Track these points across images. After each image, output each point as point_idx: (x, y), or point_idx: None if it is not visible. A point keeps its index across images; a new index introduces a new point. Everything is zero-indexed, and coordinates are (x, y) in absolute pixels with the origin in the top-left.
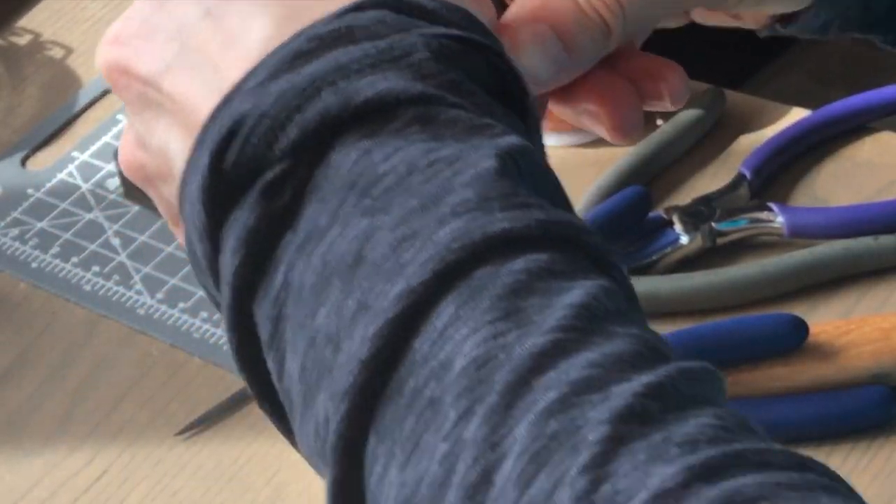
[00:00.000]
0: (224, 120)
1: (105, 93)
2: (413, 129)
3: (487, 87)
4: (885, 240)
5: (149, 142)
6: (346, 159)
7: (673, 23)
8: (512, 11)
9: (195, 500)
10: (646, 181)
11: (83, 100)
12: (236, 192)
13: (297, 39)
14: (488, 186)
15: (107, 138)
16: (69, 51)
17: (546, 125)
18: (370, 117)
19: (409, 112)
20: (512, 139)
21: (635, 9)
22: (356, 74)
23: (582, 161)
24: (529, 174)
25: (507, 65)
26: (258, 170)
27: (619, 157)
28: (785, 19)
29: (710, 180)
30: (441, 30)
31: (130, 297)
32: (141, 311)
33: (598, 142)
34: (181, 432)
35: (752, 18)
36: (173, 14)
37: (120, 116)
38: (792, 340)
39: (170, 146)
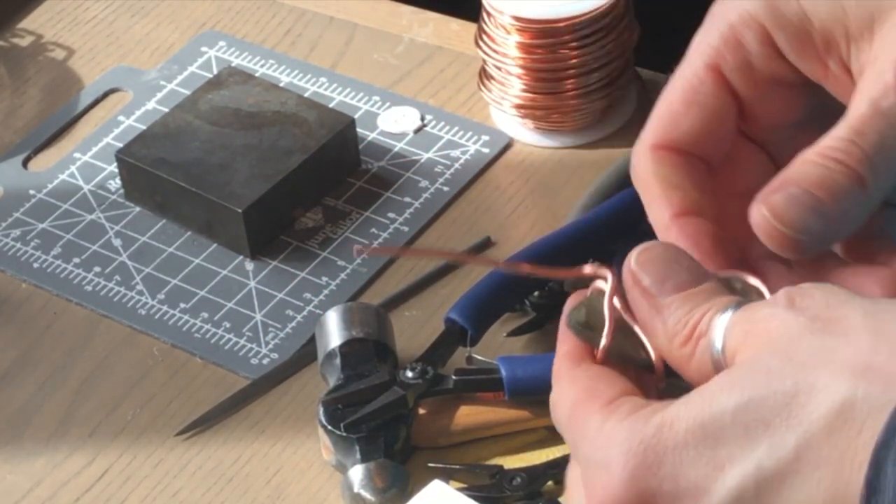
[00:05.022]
0: None
1: (106, 94)
2: None
3: None
4: None
5: None
6: None
7: None
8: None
9: (195, 500)
10: None
11: (84, 101)
12: None
13: None
14: None
15: (108, 139)
16: (71, 52)
17: (543, 125)
18: None
19: None
20: None
21: (880, 153)
22: None
23: (582, 161)
24: None
25: None
26: None
27: (619, 157)
28: None
29: None
30: None
31: (132, 298)
32: (142, 312)
33: (598, 142)
34: (182, 432)
35: None
36: None
37: (121, 117)
38: None
39: None
